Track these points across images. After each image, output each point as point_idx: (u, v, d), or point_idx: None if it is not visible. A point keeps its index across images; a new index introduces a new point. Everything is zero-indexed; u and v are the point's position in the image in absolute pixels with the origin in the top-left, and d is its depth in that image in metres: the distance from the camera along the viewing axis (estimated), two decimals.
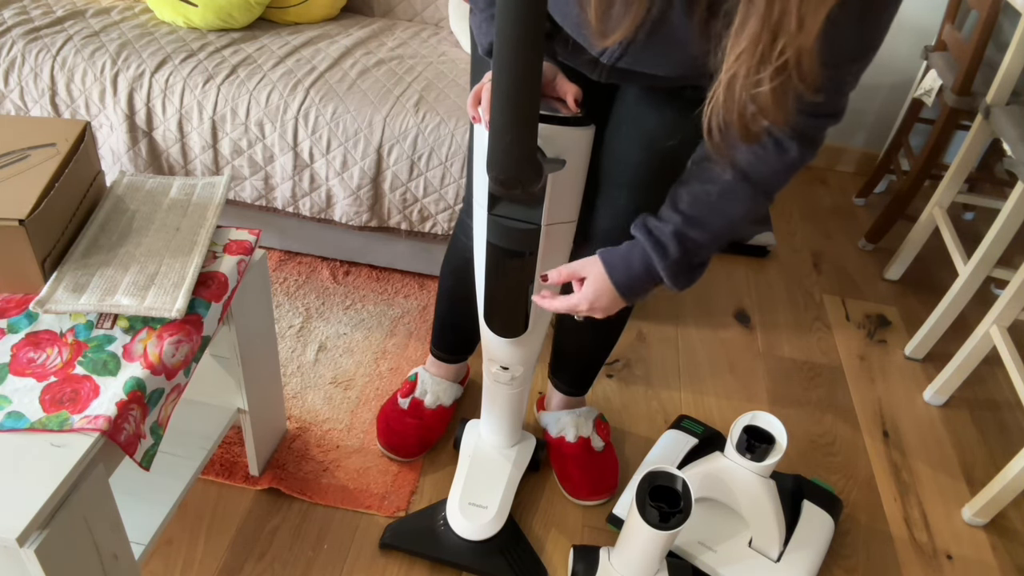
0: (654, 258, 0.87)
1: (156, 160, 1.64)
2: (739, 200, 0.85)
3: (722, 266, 2.04)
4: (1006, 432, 1.63)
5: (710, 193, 0.85)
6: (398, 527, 1.27)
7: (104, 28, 1.70)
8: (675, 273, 0.89)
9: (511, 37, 0.69)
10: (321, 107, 1.55)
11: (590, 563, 1.20)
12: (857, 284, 2.03)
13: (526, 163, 0.81)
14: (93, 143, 1.03)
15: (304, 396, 1.51)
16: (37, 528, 0.74)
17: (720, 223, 0.87)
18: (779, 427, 1.15)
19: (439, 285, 1.38)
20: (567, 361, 1.39)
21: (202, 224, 1.05)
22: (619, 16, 0.72)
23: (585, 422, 1.40)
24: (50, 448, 0.78)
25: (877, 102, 2.43)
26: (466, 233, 1.21)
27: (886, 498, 1.46)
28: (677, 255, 0.87)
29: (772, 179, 0.84)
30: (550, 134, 0.85)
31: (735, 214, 0.86)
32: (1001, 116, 1.59)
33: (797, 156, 0.81)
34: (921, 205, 1.98)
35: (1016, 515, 1.45)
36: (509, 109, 0.75)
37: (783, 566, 1.23)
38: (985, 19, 1.63)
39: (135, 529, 1.01)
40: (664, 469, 1.07)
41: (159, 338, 0.91)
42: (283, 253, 1.87)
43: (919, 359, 1.80)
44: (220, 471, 1.34)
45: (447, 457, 1.42)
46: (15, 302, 0.93)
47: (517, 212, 0.93)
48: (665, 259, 0.87)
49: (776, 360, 1.75)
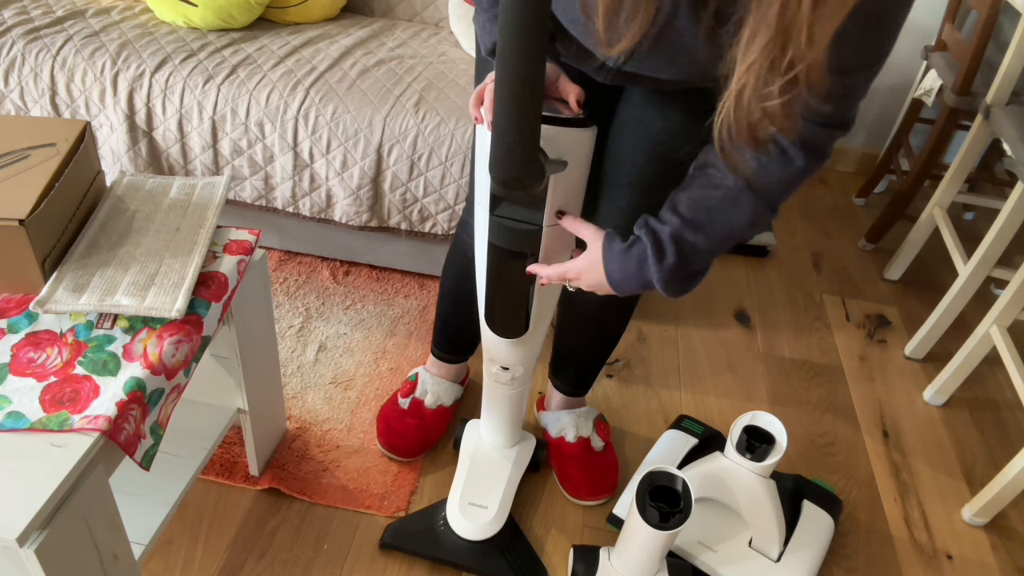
0: (650, 259, 0.85)
1: (156, 160, 1.64)
2: (741, 208, 0.83)
3: (722, 266, 2.04)
4: (1006, 432, 1.63)
5: (711, 199, 0.83)
6: (398, 527, 1.27)
7: (104, 28, 1.70)
8: (668, 278, 0.86)
9: (514, 38, 0.69)
10: (321, 107, 1.55)
11: (590, 563, 1.20)
12: (857, 284, 2.03)
13: (528, 164, 0.81)
14: (93, 143, 1.03)
15: (304, 396, 1.51)
16: (37, 528, 0.74)
17: (720, 230, 0.84)
18: (779, 427, 1.15)
19: (441, 285, 1.38)
20: (567, 362, 1.39)
21: (202, 224, 1.05)
22: (625, 24, 0.72)
23: (585, 422, 1.40)
24: (50, 448, 0.78)
25: (877, 102, 2.43)
26: (468, 233, 1.21)
27: (886, 498, 1.46)
28: (674, 260, 0.85)
29: (776, 188, 0.82)
30: (552, 135, 0.85)
31: (736, 222, 0.84)
32: (1001, 116, 1.59)
33: (804, 165, 0.79)
34: (921, 205, 1.98)
35: (1016, 515, 1.45)
36: (511, 110, 0.75)
37: (783, 566, 1.23)
38: (985, 19, 1.63)
39: (135, 529, 1.02)
40: (664, 469, 1.07)
41: (159, 338, 0.91)
42: (283, 253, 1.87)
43: (919, 359, 1.80)
44: (220, 471, 1.34)
45: (447, 457, 1.42)
46: (15, 302, 0.93)
47: (519, 213, 0.93)
48: (661, 262, 0.85)
49: (776, 360, 1.75)
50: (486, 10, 0.91)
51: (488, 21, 0.91)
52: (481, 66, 1.08)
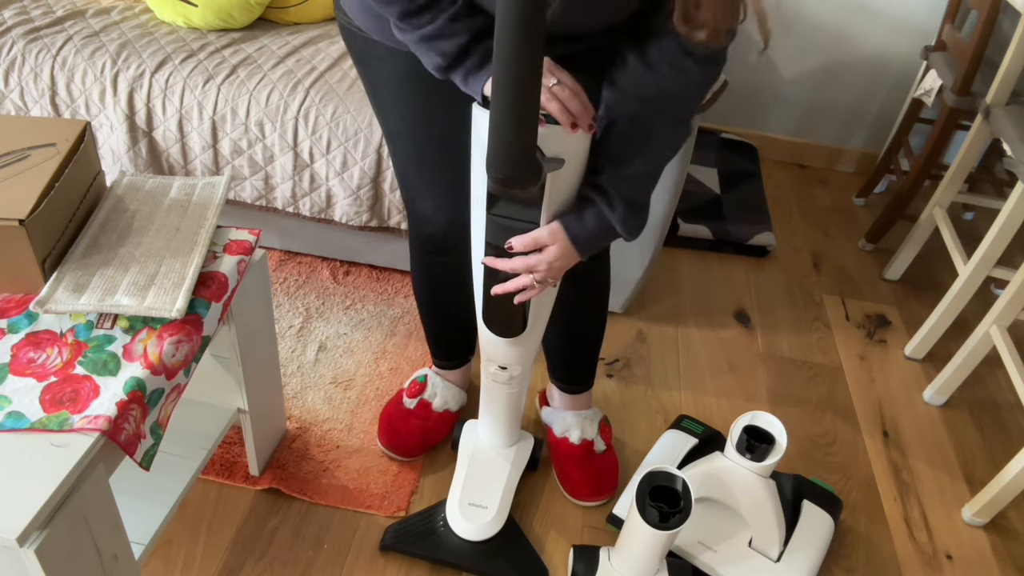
0: (604, 210, 0.92)
1: (156, 160, 1.64)
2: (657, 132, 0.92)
3: (722, 266, 2.04)
4: (1006, 432, 1.63)
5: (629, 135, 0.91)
6: (398, 528, 1.27)
7: (104, 28, 1.70)
8: (625, 221, 0.93)
9: (511, 38, 0.69)
10: (321, 107, 1.55)
11: (590, 563, 1.20)
12: (857, 284, 2.04)
13: (525, 163, 0.81)
14: (93, 143, 1.03)
15: (304, 396, 1.51)
16: (37, 528, 0.74)
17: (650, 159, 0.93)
18: (779, 427, 1.15)
19: (416, 298, 1.38)
20: (557, 357, 1.38)
21: (202, 224, 1.05)
22: None
23: (590, 424, 1.39)
24: (50, 448, 0.78)
25: (877, 102, 2.43)
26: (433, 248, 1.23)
27: (886, 498, 1.46)
28: (622, 203, 0.92)
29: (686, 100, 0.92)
30: (549, 134, 0.86)
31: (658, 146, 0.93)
32: (1001, 116, 1.59)
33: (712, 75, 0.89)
34: (921, 205, 1.98)
35: (1016, 515, 1.45)
36: (509, 109, 0.75)
37: (783, 566, 1.23)
38: (985, 19, 1.63)
39: (135, 529, 1.02)
40: (664, 469, 1.07)
41: (159, 338, 0.91)
42: (283, 253, 1.87)
43: (919, 359, 1.80)
44: (220, 471, 1.34)
45: (447, 457, 1.42)
46: (15, 302, 0.93)
47: (516, 211, 0.93)
48: (614, 210, 0.92)
49: (776, 360, 1.75)
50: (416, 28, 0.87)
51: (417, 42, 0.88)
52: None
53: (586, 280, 1.19)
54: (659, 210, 1.58)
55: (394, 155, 1.16)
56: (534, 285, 0.97)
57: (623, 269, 1.67)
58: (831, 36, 2.32)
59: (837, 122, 2.50)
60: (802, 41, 2.34)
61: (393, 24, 0.89)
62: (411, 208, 1.20)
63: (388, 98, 1.08)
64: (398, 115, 1.09)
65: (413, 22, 0.86)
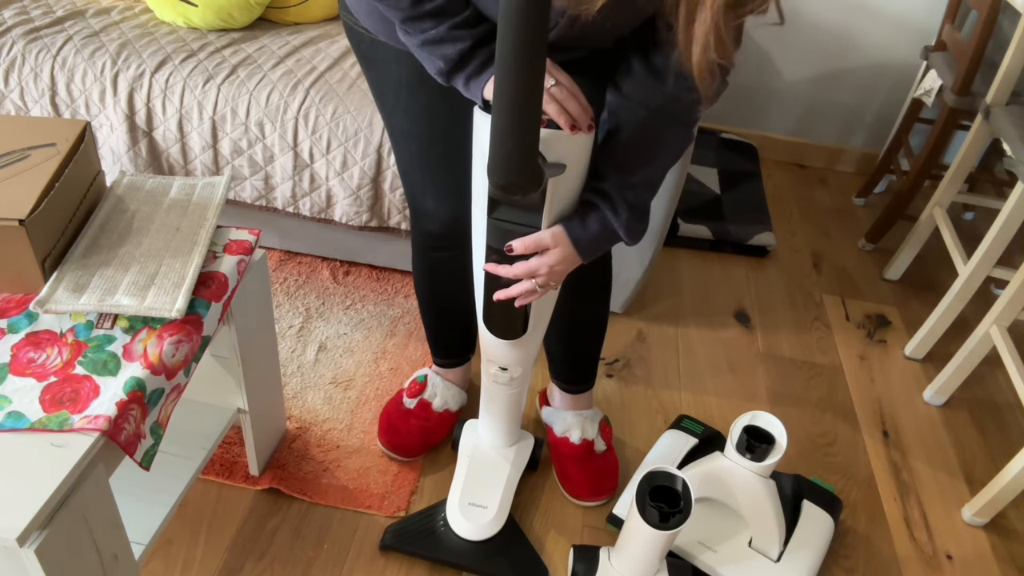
0: (609, 216, 0.92)
1: (156, 160, 1.64)
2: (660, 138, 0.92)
3: (722, 266, 2.04)
4: (1006, 432, 1.63)
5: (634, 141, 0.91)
6: (398, 528, 1.27)
7: (104, 28, 1.70)
8: (628, 226, 0.93)
9: (514, 44, 0.68)
10: (321, 107, 1.55)
11: (590, 563, 1.20)
12: (857, 284, 2.04)
13: (527, 168, 0.81)
14: (93, 143, 1.03)
15: (304, 396, 1.51)
16: (37, 528, 0.74)
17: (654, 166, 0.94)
18: (779, 427, 1.15)
19: (417, 296, 1.38)
20: (558, 357, 1.38)
21: (202, 224, 1.05)
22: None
23: (591, 425, 1.39)
24: (50, 448, 0.78)
25: (877, 102, 2.43)
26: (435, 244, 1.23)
27: (886, 498, 1.46)
28: (626, 209, 0.92)
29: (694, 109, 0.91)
30: (550, 138, 0.85)
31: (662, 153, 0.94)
32: (1001, 116, 1.59)
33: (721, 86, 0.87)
34: (921, 205, 1.98)
35: (1016, 515, 1.45)
36: (511, 115, 0.75)
37: (783, 566, 1.23)
38: (985, 19, 1.63)
39: (135, 529, 1.02)
40: (664, 469, 1.07)
41: (159, 338, 0.91)
42: (283, 253, 1.87)
43: (919, 359, 1.80)
44: (220, 471, 1.34)
45: (447, 457, 1.42)
46: (15, 302, 0.93)
47: (517, 216, 0.93)
48: (618, 216, 0.92)
49: (776, 360, 1.75)
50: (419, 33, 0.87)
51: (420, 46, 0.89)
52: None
53: (587, 280, 1.19)
54: (659, 210, 1.58)
55: (397, 153, 1.16)
56: (536, 289, 0.97)
57: (623, 269, 1.67)
58: (831, 36, 2.32)
59: (837, 122, 2.50)
60: (802, 41, 2.35)
61: (398, 27, 0.90)
62: (414, 205, 1.21)
63: (393, 98, 1.08)
64: (403, 114, 1.09)
65: (417, 26, 0.87)
